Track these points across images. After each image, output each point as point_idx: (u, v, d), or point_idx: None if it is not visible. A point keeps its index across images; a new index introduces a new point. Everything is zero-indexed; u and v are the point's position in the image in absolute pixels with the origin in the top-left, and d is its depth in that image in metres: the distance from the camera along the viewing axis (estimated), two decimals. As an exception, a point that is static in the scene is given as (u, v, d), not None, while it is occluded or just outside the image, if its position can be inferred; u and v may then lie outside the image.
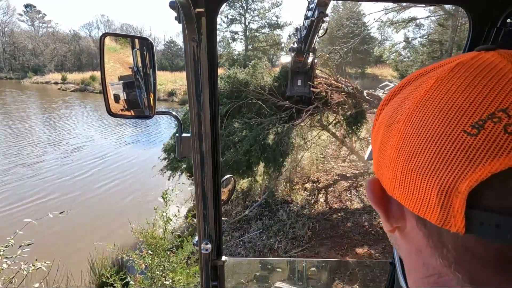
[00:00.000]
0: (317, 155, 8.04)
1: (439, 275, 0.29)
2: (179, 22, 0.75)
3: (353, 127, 6.75)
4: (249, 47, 31.33)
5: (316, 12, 4.72)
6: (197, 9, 0.74)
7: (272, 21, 30.81)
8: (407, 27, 16.50)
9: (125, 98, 0.93)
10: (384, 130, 0.33)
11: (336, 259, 4.30)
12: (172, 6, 0.74)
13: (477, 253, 0.25)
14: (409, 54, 18.54)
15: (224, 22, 30.27)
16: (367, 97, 6.34)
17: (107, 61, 0.88)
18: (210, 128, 0.90)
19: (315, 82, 6.48)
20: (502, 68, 0.26)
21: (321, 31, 5.30)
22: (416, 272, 0.32)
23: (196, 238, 1.08)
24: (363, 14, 22.40)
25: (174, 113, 1.03)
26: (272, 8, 30.28)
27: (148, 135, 15.42)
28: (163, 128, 16.36)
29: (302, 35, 5.92)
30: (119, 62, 0.92)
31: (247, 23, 31.11)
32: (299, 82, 6.81)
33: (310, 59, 6.45)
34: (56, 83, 36.56)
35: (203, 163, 0.95)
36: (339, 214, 6.18)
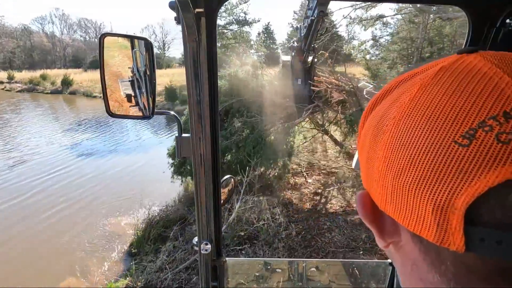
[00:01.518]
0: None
1: None
2: (179, 22, 0.76)
3: (354, 126, 6.71)
4: (218, 44, 30.18)
5: (316, 11, 4.74)
6: (197, 10, 0.74)
7: (240, 18, 29.92)
8: (375, 25, 16.35)
9: (129, 97, 0.94)
10: (370, 142, 0.32)
11: (336, 260, 4.21)
12: (171, 6, 0.75)
13: (476, 269, 0.24)
14: (377, 52, 18.56)
15: (190, 17, 28.85)
16: (366, 96, 6.28)
17: (106, 62, 0.88)
18: (210, 128, 0.90)
19: (315, 81, 6.47)
20: (487, 71, 0.25)
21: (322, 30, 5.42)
22: (412, 286, 0.31)
23: (196, 239, 1.07)
24: (331, 12, 22.28)
25: (172, 112, 1.03)
26: (240, 4, 29.36)
27: (110, 140, 13.54)
28: (131, 132, 14.65)
29: (302, 34, 5.92)
30: (118, 62, 0.93)
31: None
32: (299, 81, 6.81)
33: (310, 58, 6.44)
34: (1, 82, 32.71)
35: (202, 163, 0.94)
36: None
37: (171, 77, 23.43)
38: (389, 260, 1.46)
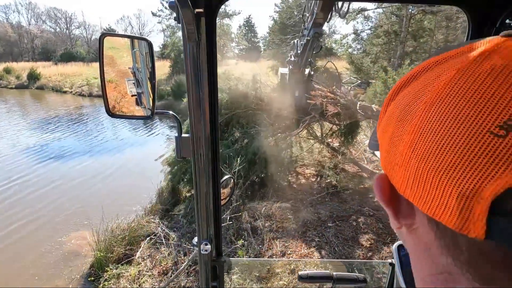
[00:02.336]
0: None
1: (449, 273, 0.28)
2: (179, 22, 0.75)
3: (348, 137, 6.94)
4: (182, 38, 29.18)
5: (311, 32, 5.23)
6: (197, 10, 0.74)
7: (220, 10, 28.95)
8: (356, 19, 16.08)
9: (125, 98, 0.95)
10: (395, 125, 0.32)
11: (337, 260, 4.15)
12: (171, 6, 0.74)
13: (493, 258, 0.24)
14: (359, 46, 18.36)
15: (166, 8, 27.49)
16: (359, 110, 6.41)
17: (106, 62, 0.88)
18: (210, 129, 0.90)
19: (311, 94, 6.72)
20: None
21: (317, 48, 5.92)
22: (424, 269, 0.32)
23: (196, 239, 1.08)
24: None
25: (171, 112, 1.02)
26: (220, -5, 28.37)
27: (84, 140, 12.33)
28: (108, 131, 13.48)
29: (298, 51, 6.45)
30: (118, 62, 0.93)
31: (193, 11, 28.81)
32: (296, 93, 7.12)
33: (307, 72, 6.98)
34: (-42, 76, 30.04)
35: (202, 163, 0.94)
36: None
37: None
38: (389, 260, 1.48)
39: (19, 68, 30.02)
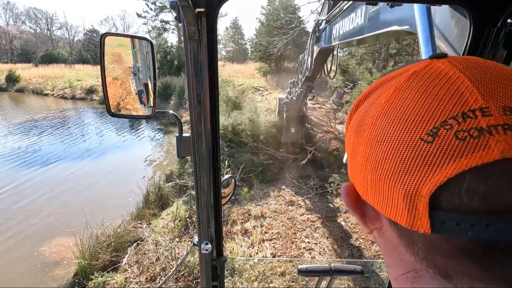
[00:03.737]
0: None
1: (415, 270, 0.31)
2: (179, 22, 0.76)
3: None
4: (182, 38, 28.81)
5: (304, 87, 6.14)
6: (197, 9, 0.74)
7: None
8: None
9: (126, 97, 0.95)
10: (353, 138, 0.36)
11: (337, 259, 4.21)
12: (172, 6, 0.76)
13: (443, 249, 0.27)
14: (345, 49, 18.62)
15: (152, 9, 27.05)
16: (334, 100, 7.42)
17: (107, 62, 0.89)
18: (211, 128, 0.90)
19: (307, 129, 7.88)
20: (451, 76, 0.28)
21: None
22: (395, 269, 0.34)
23: (196, 238, 1.08)
24: (298, 7, 22.13)
25: (172, 112, 1.01)
26: (206, -4, 28.21)
27: (64, 144, 11.84)
28: (93, 136, 12.94)
29: (293, 96, 7.31)
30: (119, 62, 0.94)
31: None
32: (292, 130, 7.81)
33: (302, 113, 7.92)
34: None
35: (203, 163, 0.94)
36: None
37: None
38: None
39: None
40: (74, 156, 10.08)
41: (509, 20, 0.80)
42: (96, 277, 4.14)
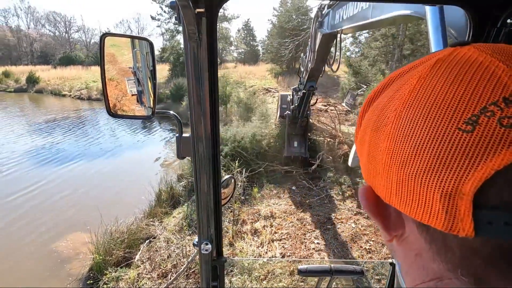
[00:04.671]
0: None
1: (440, 279, 0.28)
2: (179, 22, 0.75)
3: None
4: (183, 38, 29.19)
5: (307, 86, 5.67)
6: (197, 10, 0.74)
7: (219, 13, 29.07)
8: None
9: (125, 98, 0.95)
10: (370, 135, 0.33)
11: (337, 260, 4.16)
12: (172, 6, 0.75)
13: (484, 254, 0.24)
14: (357, 50, 18.43)
15: (165, 12, 27.56)
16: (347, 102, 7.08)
17: (107, 62, 0.88)
18: (210, 129, 0.90)
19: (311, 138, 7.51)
20: (483, 61, 0.26)
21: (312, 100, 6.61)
22: (415, 277, 0.31)
23: (196, 239, 1.07)
24: (310, 8, 22.01)
25: (172, 112, 1.03)
26: (219, -1, 28.48)
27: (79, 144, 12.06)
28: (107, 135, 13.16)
29: (295, 103, 6.96)
30: (119, 60, 0.93)
31: (192, 15, 28.88)
32: (295, 144, 7.43)
33: (304, 123, 7.32)
34: (-43, 80, 29.96)
35: (203, 163, 0.94)
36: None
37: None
38: (390, 260, 1.48)
39: (18, 71, 29.98)
40: (96, 156, 10.40)
41: (509, 20, 0.80)
42: (110, 272, 4.27)
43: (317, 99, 6.99)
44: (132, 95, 0.95)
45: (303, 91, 6.04)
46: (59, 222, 6.01)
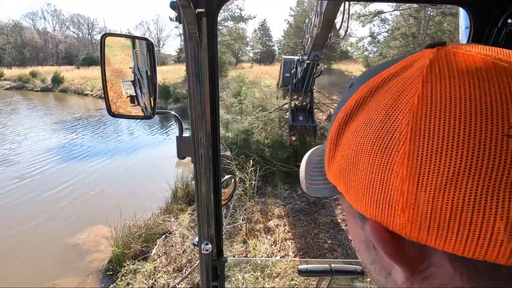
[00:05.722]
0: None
1: None
2: (180, 22, 0.76)
3: None
4: (183, 38, 29.52)
5: (311, 56, 5.03)
6: (198, 10, 0.74)
7: (236, 14, 29.35)
8: (373, 21, 15.83)
9: (132, 97, 0.94)
10: (370, 161, 0.26)
11: (338, 260, 4.03)
12: (172, 6, 0.76)
13: None
14: (375, 49, 18.10)
15: (183, 13, 28.18)
16: None
17: (107, 62, 0.89)
18: (211, 128, 0.90)
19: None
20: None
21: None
22: None
23: (197, 238, 1.08)
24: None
25: (173, 112, 1.02)
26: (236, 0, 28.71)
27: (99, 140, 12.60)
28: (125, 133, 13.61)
29: (299, 76, 6.33)
30: (119, 62, 0.93)
31: (209, 15, 29.26)
32: (301, 117, 6.90)
33: (308, 99, 6.73)
34: (-11, 79, 31.83)
35: (203, 163, 0.94)
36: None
37: (164, 74, 22.81)
38: None
39: (44, 72, 31.43)
40: (119, 153, 10.76)
41: (509, 20, 0.80)
42: (128, 264, 4.44)
43: (321, 71, 6.15)
44: (127, 96, 0.95)
45: (307, 61, 5.41)
46: (83, 215, 6.29)
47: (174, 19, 0.79)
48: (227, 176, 1.23)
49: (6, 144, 11.32)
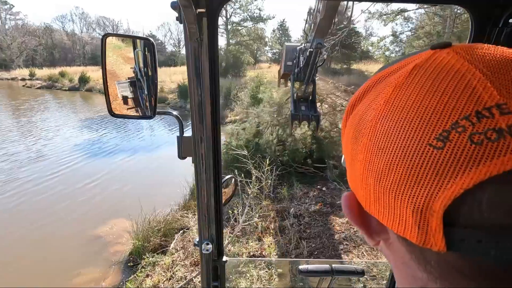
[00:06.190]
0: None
1: None
2: (181, 22, 0.76)
3: None
4: (231, 41, 29.77)
5: (314, 43, 4.82)
6: (198, 10, 0.74)
7: (255, 14, 29.46)
8: (395, 20, 15.41)
9: (127, 98, 0.94)
10: (352, 143, 0.32)
11: (338, 260, 4.12)
12: (173, 6, 0.76)
13: (461, 269, 0.24)
14: (397, 49, 17.62)
15: (204, 14, 28.64)
16: None
17: (108, 62, 0.88)
18: (211, 128, 0.89)
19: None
20: (459, 68, 0.25)
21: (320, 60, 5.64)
22: (405, 284, 0.31)
23: (197, 239, 1.08)
24: (348, 7, 21.28)
25: (175, 113, 1.01)
26: (255, 0, 28.85)
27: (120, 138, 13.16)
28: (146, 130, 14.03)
29: (301, 65, 6.08)
30: (120, 63, 0.92)
31: (228, 16, 29.56)
32: (303, 107, 6.77)
33: (311, 89, 6.50)
34: (23, 79, 33.99)
35: (204, 163, 0.94)
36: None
37: (184, 74, 23.22)
38: None
39: (72, 72, 32.91)
40: (142, 151, 11.20)
41: (510, 20, 0.80)
42: (147, 257, 4.63)
43: (324, 60, 6.19)
44: (133, 95, 0.96)
45: (310, 49, 5.16)
46: (106, 209, 6.59)
47: (176, 19, 0.78)
48: (227, 176, 1.24)
49: (41, 141, 12.03)
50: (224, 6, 0.88)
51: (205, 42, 0.79)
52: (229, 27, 29.71)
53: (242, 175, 5.26)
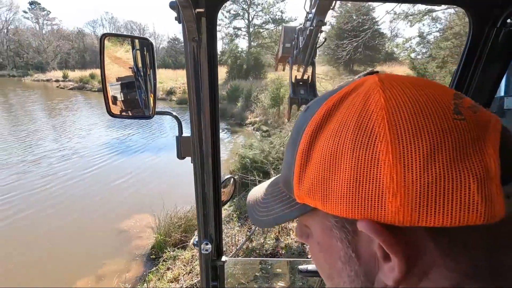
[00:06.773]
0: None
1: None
2: (179, 22, 0.76)
3: None
4: (253, 43, 30.04)
5: (314, 21, 4.46)
6: (197, 10, 0.74)
7: (277, 16, 29.55)
8: (422, 20, 14.86)
9: (125, 98, 0.94)
10: (357, 156, 0.28)
11: None
12: (172, 6, 0.77)
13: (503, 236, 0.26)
14: (424, 50, 17.00)
15: (226, 17, 29.07)
16: None
17: (107, 62, 0.88)
18: (210, 128, 0.90)
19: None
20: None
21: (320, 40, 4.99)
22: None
23: (196, 239, 1.08)
24: (372, 8, 20.89)
25: (174, 113, 1.02)
26: (277, 2, 28.98)
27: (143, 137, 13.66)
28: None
29: (300, 47, 5.65)
30: (119, 62, 0.93)
31: (250, 19, 29.87)
32: (302, 91, 6.33)
33: (310, 72, 6.07)
34: (57, 80, 36.32)
35: (203, 163, 0.94)
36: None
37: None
38: None
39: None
40: (167, 149, 11.52)
41: (509, 20, 0.81)
42: (168, 251, 4.82)
43: (325, 39, 5.56)
44: (132, 95, 0.96)
45: (310, 28, 4.75)
46: (132, 204, 6.94)
47: (174, 19, 0.78)
48: (227, 176, 1.25)
49: (75, 138, 12.81)
50: (223, 6, 0.90)
51: (204, 42, 0.79)
52: (251, 29, 29.99)
53: (261, 175, 5.31)
